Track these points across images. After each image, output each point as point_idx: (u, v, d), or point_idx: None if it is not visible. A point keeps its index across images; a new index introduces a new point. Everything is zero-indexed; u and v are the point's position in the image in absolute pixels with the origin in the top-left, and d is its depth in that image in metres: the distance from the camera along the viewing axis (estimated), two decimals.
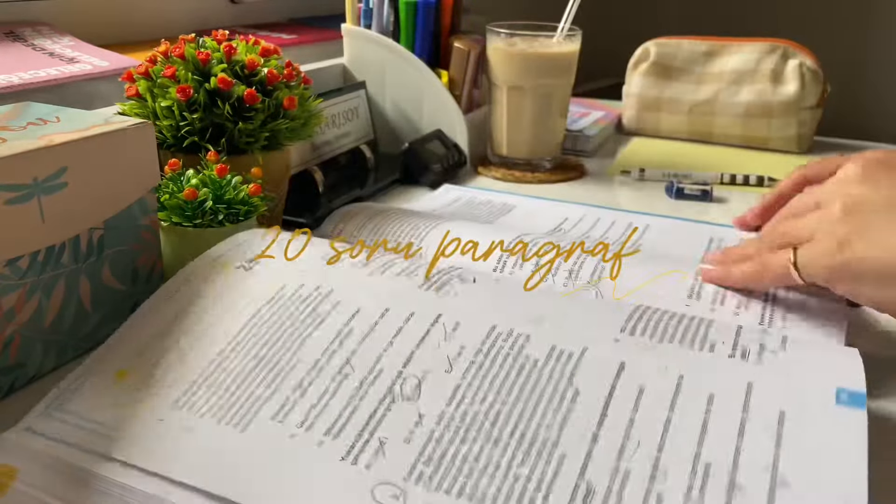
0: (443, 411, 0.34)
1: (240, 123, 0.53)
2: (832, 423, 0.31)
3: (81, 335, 0.44)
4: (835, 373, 0.34)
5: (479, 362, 0.36)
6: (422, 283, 0.41)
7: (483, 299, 0.40)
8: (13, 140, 0.39)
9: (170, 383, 0.37)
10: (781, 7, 1.97)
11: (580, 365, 0.35)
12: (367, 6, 0.83)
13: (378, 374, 0.36)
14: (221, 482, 0.32)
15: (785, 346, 0.36)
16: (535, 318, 0.38)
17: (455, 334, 0.37)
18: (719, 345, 0.36)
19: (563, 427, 0.32)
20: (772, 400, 0.32)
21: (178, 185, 0.50)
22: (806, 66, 0.91)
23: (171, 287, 0.43)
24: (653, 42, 0.98)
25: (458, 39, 0.82)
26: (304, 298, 0.41)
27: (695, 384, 0.33)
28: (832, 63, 1.08)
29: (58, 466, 0.34)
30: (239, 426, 0.34)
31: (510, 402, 0.34)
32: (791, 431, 0.31)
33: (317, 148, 0.73)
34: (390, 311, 0.39)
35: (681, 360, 0.35)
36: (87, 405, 0.36)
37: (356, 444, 0.33)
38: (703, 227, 0.65)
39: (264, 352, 0.38)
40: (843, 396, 0.32)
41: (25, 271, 0.39)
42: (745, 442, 0.31)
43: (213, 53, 0.55)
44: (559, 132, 0.83)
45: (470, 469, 0.31)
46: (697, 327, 0.38)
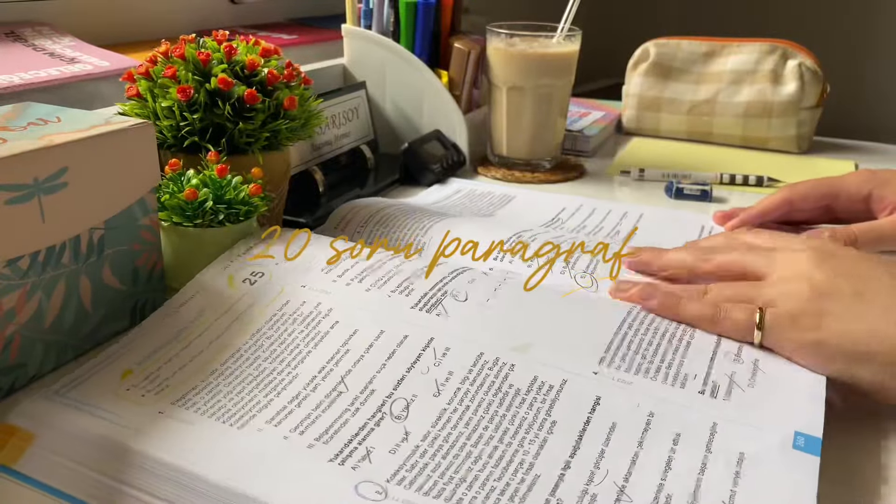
0: (428, 431, 0.36)
1: (240, 123, 0.53)
2: (787, 466, 0.34)
3: (81, 335, 0.44)
4: (795, 417, 0.36)
5: (465, 389, 0.38)
6: (416, 303, 0.44)
7: (473, 323, 0.43)
8: (14, 140, 0.39)
9: (172, 385, 0.39)
10: (781, 7, 1.97)
11: (559, 397, 0.38)
12: (367, 6, 0.83)
13: (370, 394, 0.38)
14: (210, 466, 0.33)
15: (754, 379, 0.39)
16: (520, 346, 0.41)
17: (444, 360, 0.40)
18: (691, 380, 0.39)
19: (539, 453, 0.35)
20: (733, 440, 0.35)
21: (179, 185, 0.50)
22: (805, 66, 0.91)
23: (178, 300, 0.45)
24: (652, 42, 0.98)
25: (458, 39, 0.82)
26: (305, 317, 0.44)
27: (663, 423, 0.36)
28: (832, 63, 1.08)
29: (80, 433, 0.35)
30: (236, 425, 0.36)
31: (492, 427, 0.36)
32: (749, 471, 0.33)
33: (317, 148, 0.73)
34: (385, 332, 0.42)
35: (652, 398, 0.38)
36: (91, 394, 0.38)
37: (344, 450, 0.35)
38: (696, 217, 0.68)
39: (265, 365, 0.40)
40: (799, 441, 0.35)
41: (26, 271, 0.40)
42: (706, 478, 0.33)
43: (213, 54, 0.55)
44: (559, 132, 0.83)
45: (450, 478, 0.33)
46: (674, 355, 0.41)
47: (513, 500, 0.32)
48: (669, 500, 0.32)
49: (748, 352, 0.41)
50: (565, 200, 0.72)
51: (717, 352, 0.41)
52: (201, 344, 0.42)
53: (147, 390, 0.38)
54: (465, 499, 0.32)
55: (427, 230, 0.59)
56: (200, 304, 0.45)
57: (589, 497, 0.32)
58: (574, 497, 0.32)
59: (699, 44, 0.96)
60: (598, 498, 0.32)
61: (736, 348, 0.42)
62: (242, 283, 0.46)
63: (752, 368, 0.40)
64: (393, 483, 0.33)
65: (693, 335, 0.43)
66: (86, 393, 0.38)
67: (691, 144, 0.97)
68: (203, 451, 0.34)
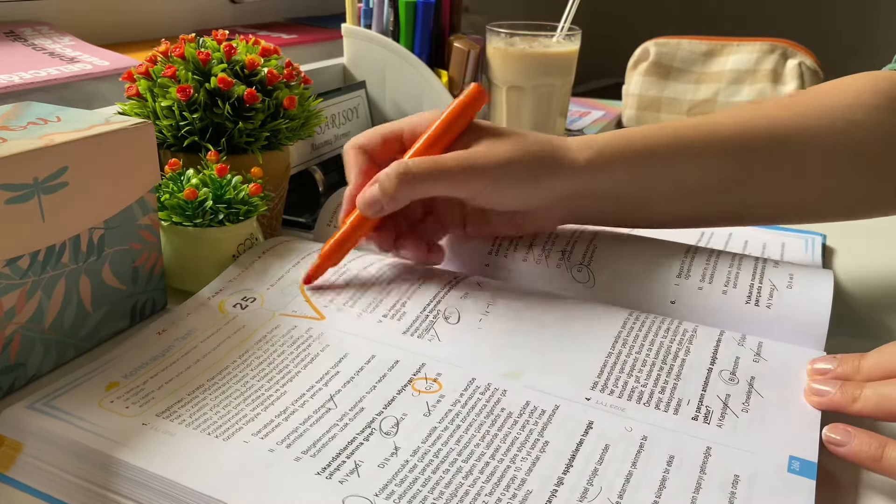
0: (418, 447, 0.35)
1: (240, 123, 0.53)
2: (783, 490, 0.33)
3: (81, 335, 0.44)
4: (790, 441, 0.36)
5: (456, 411, 0.38)
6: (407, 328, 0.44)
7: (465, 348, 0.43)
8: (13, 140, 0.39)
9: (157, 398, 0.39)
10: (781, 7, 1.97)
11: (552, 421, 0.37)
12: (367, 6, 0.83)
13: (359, 412, 0.38)
14: (196, 477, 0.33)
15: (748, 404, 0.39)
16: (512, 372, 0.41)
17: (435, 384, 0.40)
18: (684, 405, 0.38)
19: (531, 470, 0.34)
20: (728, 464, 0.35)
21: (179, 184, 0.50)
22: (805, 65, 0.91)
23: (167, 320, 0.45)
24: (652, 42, 0.98)
25: (458, 39, 0.82)
26: (295, 340, 0.44)
27: (656, 446, 0.36)
28: (832, 63, 1.08)
29: (61, 443, 0.35)
30: (221, 437, 0.36)
31: (483, 444, 0.36)
32: (744, 492, 0.33)
33: (317, 148, 0.73)
34: (376, 357, 0.42)
35: (645, 423, 0.37)
36: (74, 404, 0.38)
37: (332, 464, 0.34)
38: None
39: (253, 382, 0.40)
40: (794, 465, 0.35)
41: (26, 271, 0.40)
42: (701, 498, 0.33)
43: (213, 53, 0.55)
44: (559, 132, 0.83)
45: (440, 493, 0.33)
46: (667, 378, 0.40)
47: None
48: None
49: (744, 370, 0.41)
50: None
51: (711, 371, 0.41)
52: (188, 361, 0.42)
53: (132, 402, 0.38)
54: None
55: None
56: (189, 325, 0.45)
57: None
58: None
59: (699, 43, 0.96)
60: None
61: (731, 366, 0.41)
62: (233, 308, 0.46)
63: (746, 390, 0.39)
64: (381, 497, 0.32)
65: (688, 351, 0.42)
66: (68, 403, 0.37)
67: None
68: (188, 461, 0.34)
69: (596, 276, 0.50)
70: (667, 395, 0.39)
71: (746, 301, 0.47)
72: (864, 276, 0.59)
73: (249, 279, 0.49)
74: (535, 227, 0.52)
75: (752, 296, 0.47)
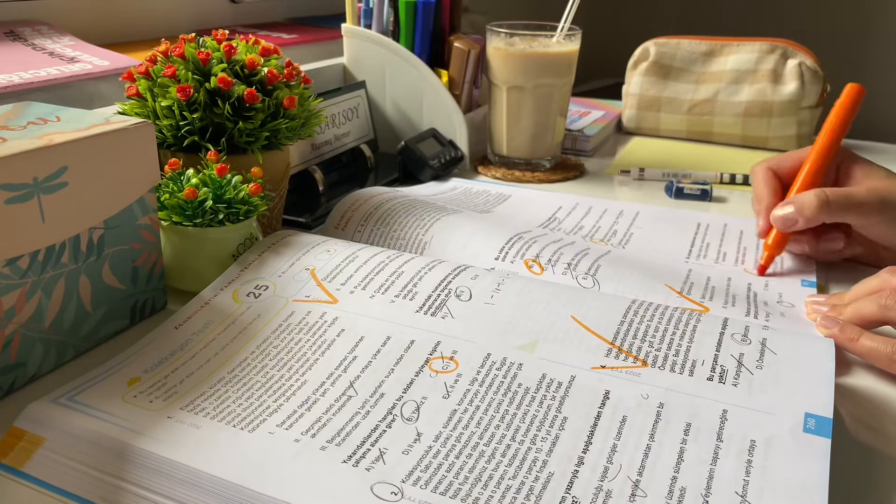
0: (440, 431, 0.36)
1: (240, 123, 0.53)
2: (798, 451, 0.34)
3: (81, 335, 0.44)
4: (805, 398, 0.36)
5: (474, 390, 0.38)
6: (420, 306, 0.44)
7: (478, 323, 0.43)
8: (13, 140, 0.39)
9: (180, 392, 0.39)
10: (781, 7, 1.97)
11: (569, 393, 0.38)
12: (367, 6, 0.83)
13: (380, 398, 0.38)
14: (223, 466, 0.33)
15: (762, 361, 0.39)
16: (527, 345, 0.41)
17: (452, 363, 0.40)
18: (699, 366, 0.39)
19: (552, 450, 0.35)
20: (744, 427, 0.35)
21: (179, 184, 0.50)
22: (805, 65, 0.91)
23: (183, 314, 0.46)
24: (652, 42, 0.98)
25: (458, 39, 0.82)
26: (311, 326, 0.44)
27: (673, 413, 0.36)
28: (832, 63, 1.08)
29: (88, 436, 0.35)
30: (246, 429, 0.36)
31: (503, 426, 0.36)
32: (760, 459, 0.34)
33: (317, 148, 0.73)
34: (392, 338, 0.42)
35: (661, 388, 0.38)
36: (98, 399, 0.38)
37: (357, 452, 0.35)
38: (692, 215, 0.69)
39: (273, 372, 0.40)
40: (810, 423, 0.35)
41: (26, 271, 0.40)
42: (718, 468, 0.33)
43: (213, 53, 0.55)
44: (559, 132, 0.83)
45: (465, 478, 0.33)
46: (681, 341, 0.41)
47: (528, 499, 0.32)
48: (684, 493, 0.32)
49: (755, 331, 0.41)
50: (561, 199, 0.72)
51: (723, 334, 0.41)
52: (208, 353, 0.42)
53: (155, 396, 0.38)
54: (482, 498, 0.32)
55: (427, 229, 0.59)
56: (205, 318, 0.45)
57: (604, 494, 0.32)
58: (589, 494, 0.32)
59: (699, 43, 0.96)
60: (612, 494, 0.32)
61: (743, 329, 0.41)
62: (247, 297, 0.47)
63: (759, 349, 0.40)
64: (408, 483, 0.33)
65: (699, 319, 0.42)
66: (92, 398, 0.38)
67: (691, 144, 0.97)
68: (214, 451, 0.34)
69: (602, 286, 0.51)
70: (681, 358, 0.39)
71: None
72: None
73: (260, 268, 0.49)
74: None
75: (749, 312, 0.50)
